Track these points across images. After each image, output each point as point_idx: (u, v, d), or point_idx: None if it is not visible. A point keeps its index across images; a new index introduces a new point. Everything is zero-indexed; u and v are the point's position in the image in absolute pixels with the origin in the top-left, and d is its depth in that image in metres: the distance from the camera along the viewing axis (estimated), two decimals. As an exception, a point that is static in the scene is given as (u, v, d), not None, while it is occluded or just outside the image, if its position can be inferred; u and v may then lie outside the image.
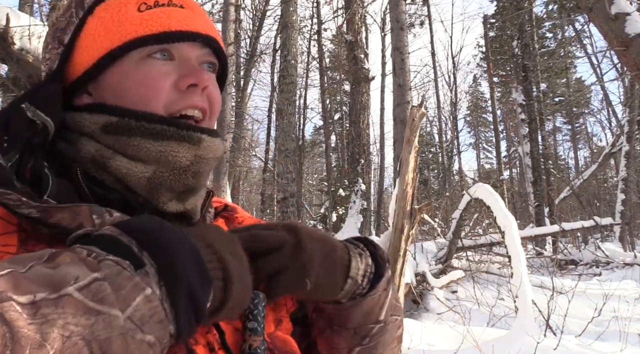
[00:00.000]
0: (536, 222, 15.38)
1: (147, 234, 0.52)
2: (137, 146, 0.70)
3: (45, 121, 0.68)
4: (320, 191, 24.41)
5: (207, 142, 0.73)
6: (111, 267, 0.47)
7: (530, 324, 4.91)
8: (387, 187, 25.46)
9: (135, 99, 0.71)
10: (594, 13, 5.22)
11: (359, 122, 14.39)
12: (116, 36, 0.72)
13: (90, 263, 0.47)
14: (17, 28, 5.51)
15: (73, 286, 0.44)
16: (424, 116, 5.31)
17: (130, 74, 0.72)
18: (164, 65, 0.73)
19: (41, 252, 0.49)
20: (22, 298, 0.41)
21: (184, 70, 0.74)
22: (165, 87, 0.72)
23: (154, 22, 0.72)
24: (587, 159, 33.91)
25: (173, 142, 0.70)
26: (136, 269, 0.48)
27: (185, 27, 0.74)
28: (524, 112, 17.72)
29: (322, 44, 18.11)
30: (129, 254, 0.49)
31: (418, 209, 5.17)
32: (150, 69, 0.72)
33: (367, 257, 0.77)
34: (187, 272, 0.50)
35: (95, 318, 0.43)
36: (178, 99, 0.73)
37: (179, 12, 0.75)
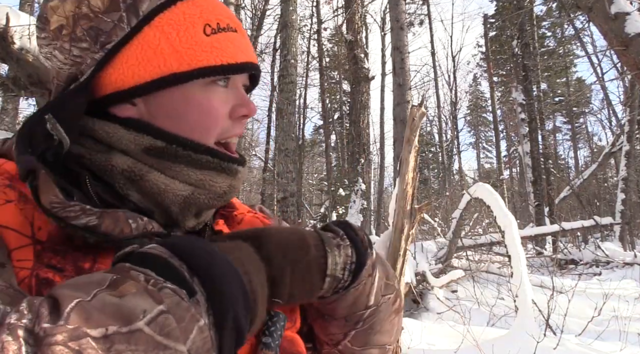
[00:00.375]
0: (536, 222, 15.38)
1: (197, 259, 0.52)
2: (179, 171, 0.70)
3: (62, 138, 0.66)
4: (320, 190, 24.41)
5: (241, 173, 0.77)
6: (171, 297, 0.47)
7: (530, 324, 4.91)
8: (387, 187, 25.48)
9: (193, 126, 0.71)
10: (594, 12, 5.21)
11: (359, 121, 14.39)
12: (185, 59, 0.70)
13: (154, 294, 0.47)
14: (17, 27, 5.51)
15: (143, 321, 0.44)
16: (424, 115, 5.31)
17: (192, 100, 0.71)
18: (224, 93, 0.74)
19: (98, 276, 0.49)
20: (95, 331, 0.41)
21: (238, 100, 0.76)
22: (224, 116, 0.74)
23: (224, 52, 0.72)
24: (587, 159, 33.93)
25: (213, 172, 0.72)
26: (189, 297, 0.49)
27: (247, 58, 0.75)
28: (524, 112, 17.72)
29: (322, 43, 18.10)
30: (182, 281, 0.50)
31: (418, 208, 5.17)
32: (213, 96, 0.73)
33: (347, 247, 0.73)
34: (233, 301, 0.52)
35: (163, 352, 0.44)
36: (229, 128, 0.75)
37: (237, 39, 0.75)
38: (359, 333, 0.78)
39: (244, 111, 0.75)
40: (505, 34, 21.36)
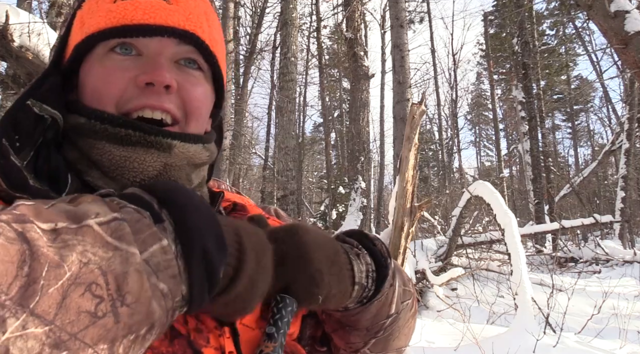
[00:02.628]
0: (536, 220, 15.38)
1: (169, 194, 0.51)
2: (102, 149, 0.65)
3: (53, 114, 0.66)
4: (320, 188, 24.40)
5: (178, 148, 0.68)
6: (132, 213, 0.46)
7: (529, 322, 4.91)
8: (387, 185, 25.48)
9: (91, 95, 0.68)
10: (594, 11, 5.21)
11: (359, 119, 14.38)
12: (84, 29, 0.69)
13: (111, 205, 0.47)
14: (16, 25, 5.50)
15: (94, 220, 0.43)
16: (424, 113, 5.31)
17: (92, 69, 0.68)
18: (124, 60, 0.68)
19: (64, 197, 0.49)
20: (44, 224, 0.41)
21: (146, 67, 0.68)
22: (118, 83, 0.67)
23: (118, 14, 0.67)
24: (587, 157, 33.93)
25: (139, 148, 0.65)
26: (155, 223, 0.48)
27: (152, 20, 0.67)
28: (524, 110, 17.71)
29: (322, 41, 18.08)
30: (150, 209, 0.49)
31: (418, 206, 5.17)
32: (109, 63, 0.68)
33: (365, 256, 0.71)
34: (203, 235, 0.49)
35: (113, 252, 0.43)
36: (135, 98, 0.67)
37: (154, 3, 0.68)
38: (379, 341, 0.76)
39: (146, 78, 0.66)
40: (505, 31, 21.34)
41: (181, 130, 0.70)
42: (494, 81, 23.57)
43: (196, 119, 0.72)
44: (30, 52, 5.78)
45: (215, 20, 0.78)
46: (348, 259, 0.68)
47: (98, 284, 0.41)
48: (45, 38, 5.80)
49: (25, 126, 0.64)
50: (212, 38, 0.74)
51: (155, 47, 0.69)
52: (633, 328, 5.16)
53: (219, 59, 0.75)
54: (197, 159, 0.71)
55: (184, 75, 0.70)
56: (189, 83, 0.71)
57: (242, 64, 19.71)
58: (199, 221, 0.50)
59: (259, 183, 24.68)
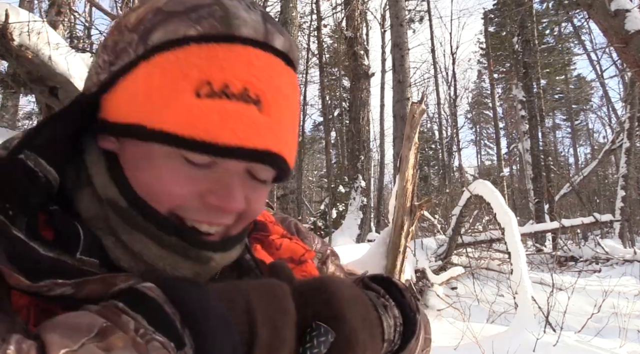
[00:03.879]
0: (536, 219, 15.39)
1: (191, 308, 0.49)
2: (138, 240, 0.60)
3: (47, 173, 0.59)
4: (320, 187, 24.40)
5: (216, 260, 0.62)
6: (158, 351, 0.46)
7: (529, 321, 4.92)
8: (387, 184, 25.49)
9: (143, 189, 0.60)
10: (594, 10, 5.21)
11: (359, 118, 14.38)
12: (155, 115, 0.57)
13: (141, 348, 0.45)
14: (16, 24, 5.50)
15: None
16: (424, 112, 5.31)
17: (154, 160, 0.59)
18: (193, 169, 0.59)
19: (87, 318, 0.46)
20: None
21: (217, 185, 0.60)
22: (182, 193, 0.59)
23: (202, 124, 0.56)
24: (587, 156, 33.94)
25: (177, 256, 0.60)
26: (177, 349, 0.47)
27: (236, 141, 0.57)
28: (524, 109, 17.71)
29: (322, 40, 18.07)
30: (173, 332, 0.47)
31: (418, 205, 5.17)
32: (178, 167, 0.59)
33: (393, 308, 0.66)
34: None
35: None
36: (196, 211, 0.60)
37: (244, 113, 0.57)
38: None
39: (214, 201, 0.59)
40: (505, 30, 21.33)
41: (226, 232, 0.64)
42: (494, 80, 23.56)
43: (246, 223, 0.66)
44: (30, 51, 5.78)
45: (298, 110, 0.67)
46: (377, 314, 0.63)
47: None
48: (45, 37, 5.80)
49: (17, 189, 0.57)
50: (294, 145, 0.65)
51: (232, 163, 0.60)
52: (633, 327, 5.16)
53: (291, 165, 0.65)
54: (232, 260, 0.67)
55: (252, 189, 0.63)
56: (255, 198, 0.64)
57: (242, 63, 19.67)
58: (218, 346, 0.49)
59: (259, 182, 24.60)
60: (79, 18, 11.73)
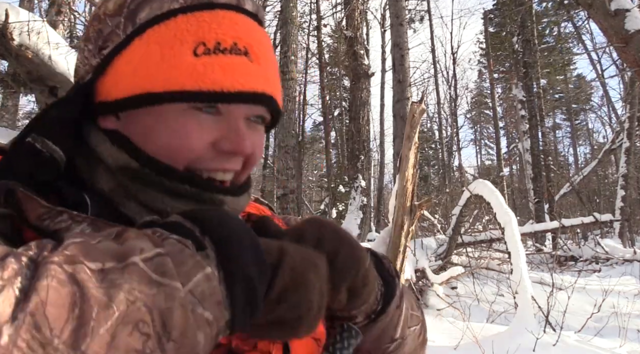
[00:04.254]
0: (536, 219, 15.39)
1: (210, 221, 0.52)
2: (152, 197, 0.65)
3: (53, 152, 0.63)
4: (320, 187, 24.41)
5: (229, 204, 0.68)
6: (174, 244, 0.47)
7: (529, 320, 4.92)
8: (387, 184, 25.49)
9: (162, 147, 0.65)
10: (594, 9, 5.21)
11: (359, 118, 14.38)
12: (161, 80, 0.63)
13: (155, 240, 0.47)
14: (16, 24, 5.50)
15: (139, 257, 0.45)
16: (424, 112, 5.31)
17: (167, 121, 0.65)
18: (205, 119, 0.65)
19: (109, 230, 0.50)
20: (93, 264, 0.42)
21: (228, 132, 0.66)
22: (198, 145, 0.65)
23: (208, 77, 0.63)
24: (587, 156, 33.93)
25: (192, 202, 0.65)
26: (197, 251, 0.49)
27: (243, 86, 0.65)
28: (524, 109, 17.72)
29: (322, 39, 18.07)
30: (192, 237, 0.50)
31: (418, 205, 5.17)
32: (191, 121, 0.65)
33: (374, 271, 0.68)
34: (245, 261, 0.50)
35: (157, 289, 0.44)
36: (211, 160, 0.67)
37: (240, 63, 0.65)
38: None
39: (228, 146, 0.66)
40: (505, 30, 21.33)
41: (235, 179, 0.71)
42: (494, 80, 23.56)
43: (251, 169, 0.73)
44: (30, 51, 5.77)
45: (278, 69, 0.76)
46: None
47: (145, 321, 0.42)
48: (45, 36, 5.80)
49: (24, 168, 0.61)
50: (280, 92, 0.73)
51: (235, 109, 0.67)
52: (633, 326, 5.17)
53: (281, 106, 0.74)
54: (243, 208, 0.73)
55: (252, 132, 0.70)
56: (257, 143, 0.70)
57: (242, 62, 19.67)
58: (240, 247, 0.51)
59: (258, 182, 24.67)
60: (79, 18, 11.72)
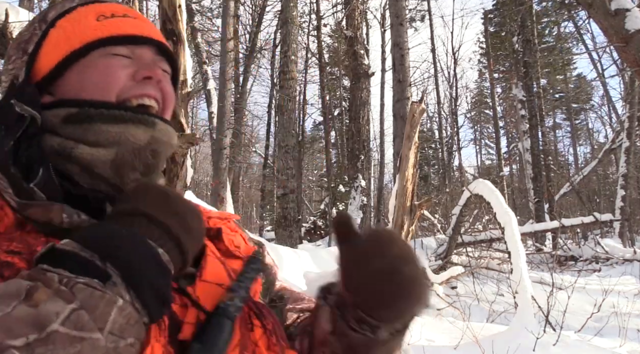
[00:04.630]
0: (536, 218, 15.39)
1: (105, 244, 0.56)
2: (98, 130, 0.76)
3: (33, 114, 0.75)
4: (320, 187, 24.39)
5: (160, 125, 0.80)
6: (83, 291, 0.51)
7: (529, 320, 4.92)
8: (387, 183, 25.47)
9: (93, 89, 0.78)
10: (594, 9, 5.20)
11: (359, 118, 14.38)
12: (77, 40, 0.80)
13: (65, 294, 0.51)
14: (16, 23, 5.50)
15: (57, 322, 0.48)
16: (424, 111, 5.31)
17: (91, 68, 0.79)
18: (122, 60, 0.81)
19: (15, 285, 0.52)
20: (17, 341, 0.46)
21: (141, 66, 0.82)
22: (122, 77, 0.79)
23: (113, 27, 0.82)
24: (587, 155, 33.91)
25: (130, 124, 0.77)
26: (104, 282, 0.53)
27: (141, 32, 0.84)
28: (524, 108, 17.71)
29: (322, 39, 18.07)
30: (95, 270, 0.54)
31: (418, 205, 5.17)
32: (112, 62, 0.80)
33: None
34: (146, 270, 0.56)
35: (80, 344, 0.48)
36: (132, 88, 0.80)
37: (133, 21, 0.85)
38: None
39: (146, 73, 0.81)
40: (505, 29, 21.32)
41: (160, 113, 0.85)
42: (494, 79, 23.54)
43: (169, 110, 0.86)
44: (30, 51, 5.78)
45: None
46: None
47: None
48: (45, 36, 5.81)
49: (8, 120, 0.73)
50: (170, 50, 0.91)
51: (142, 52, 0.84)
52: (633, 326, 5.17)
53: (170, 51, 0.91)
54: (173, 139, 0.84)
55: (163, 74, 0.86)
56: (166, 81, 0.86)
57: (242, 62, 19.69)
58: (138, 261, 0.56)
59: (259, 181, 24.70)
60: (79, 17, 11.73)
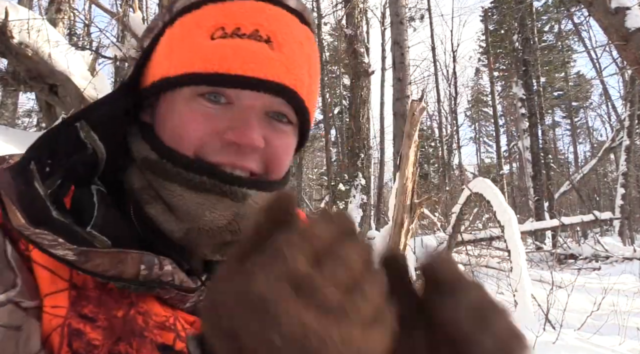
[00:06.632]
0: (536, 217, 15.39)
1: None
2: (173, 192, 0.61)
3: (96, 146, 0.62)
4: (320, 185, 24.40)
5: (253, 198, 0.63)
6: None
7: (529, 318, 4.92)
8: (387, 182, 25.46)
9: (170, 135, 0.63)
10: (594, 7, 5.20)
11: (359, 116, 14.37)
12: (176, 64, 0.63)
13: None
14: (16, 22, 5.50)
15: None
16: (424, 110, 5.31)
17: (176, 108, 0.63)
18: (211, 108, 0.62)
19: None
20: None
21: (235, 121, 0.62)
22: (202, 130, 0.62)
23: (215, 58, 0.61)
24: (586, 154, 33.93)
25: (212, 196, 0.61)
26: None
27: (251, 72, 0.60)
28: (524, 107, 17.70)
29: (322, 37, 18.06)
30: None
31: (418, 203, 5.18)
32: (194, 108, 0.62)
33: None
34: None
35: None
36: (218, 151, 0.62)
37: (256, 48, 0.61)
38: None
39: (233, 137, 0.61)
40: (504, 28, 21.31)
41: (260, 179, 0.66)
42: (494, 78, 23.54)
43: (277, 173, 0.67)
44: (29, 49, 5.77)
45: (317, 66, 0.71)
46: None
47: None
48: (45, 34, 5.79)
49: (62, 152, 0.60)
50: (310, 91, 0.68)
51: (248, 99, 0.63)
52: (632, 324, 5.16)
53: (311, 113, 0.69)
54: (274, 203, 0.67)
55: (272, 130, 0.65)
56: (277, 139, 0.65)
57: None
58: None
59: (258, 180, 24.65)
60: (79, 16, 11.72)
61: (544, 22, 22.82)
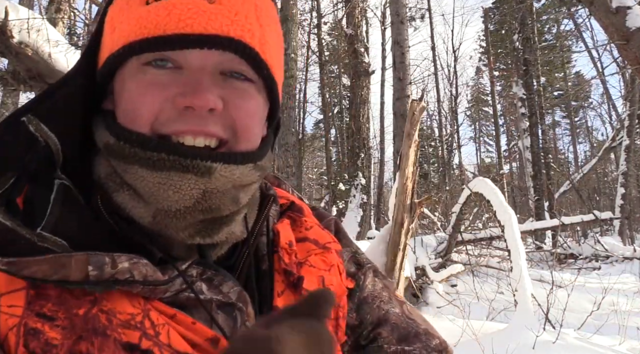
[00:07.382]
0: (536, 216, 15.38)
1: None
2: (134, 174, 0.58)
3: (47, 138, 0.59)
4: (320, 185, 24.42)
5: (220, 171, 0.59)
6: None
7: (529, 318, 4.92)
8: (387, 181, 25.47)
9: (124, 114, 0.60)
10: (595, 7, 5.20)
11: (359, 116, 14.37)
12: (115, 38, 0.60)
13: None
14: (16, 21, 5.50)
15: None
16: (424, 109, 5.30)
17: (125, 85, 0.60)
18: (160, 75, 0.59)
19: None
20: None
21: (187, 85, 0.58)
22: (153, 102, 0.58)
23: (150, 22, 0.57)
24: (587, 153, 33.93)
25: (174, 173, 0.57)
26: None
27: (189, 29, 0.56)
28: (524, 106, 17.70)
29: (322, 37, 18.05)
30: None
31: (418, 203, 5.17)
32: (140, 78, 0.59)
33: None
34: None
35: None
36: (174, 121, 0.59)
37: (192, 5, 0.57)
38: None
39: (185, 101, 0.57)
40: (505, 27, 21.31)
41: (229, 150, 0.61)
42: (494, 77, 23.54)
43: (247, 138, 0.63)
44: (29, 49, 5.77)
45: (270, 16, 0.66)
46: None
47: None
48: (45, 34, 5.79)
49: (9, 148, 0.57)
50: (264, 41, 0.62)
51: (195, 59, 0.59)
52: (632, 324, 5.17)
53: (271, 66, 0.64)
54: (245, 181, 0.62)
55: (230, 89, 0.61)
56: (238, 98, 0.61)
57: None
58: None
59: (259, 180, 24.62)
60: (79, 15, 11.72)
61: (544, 22, 22.81)
